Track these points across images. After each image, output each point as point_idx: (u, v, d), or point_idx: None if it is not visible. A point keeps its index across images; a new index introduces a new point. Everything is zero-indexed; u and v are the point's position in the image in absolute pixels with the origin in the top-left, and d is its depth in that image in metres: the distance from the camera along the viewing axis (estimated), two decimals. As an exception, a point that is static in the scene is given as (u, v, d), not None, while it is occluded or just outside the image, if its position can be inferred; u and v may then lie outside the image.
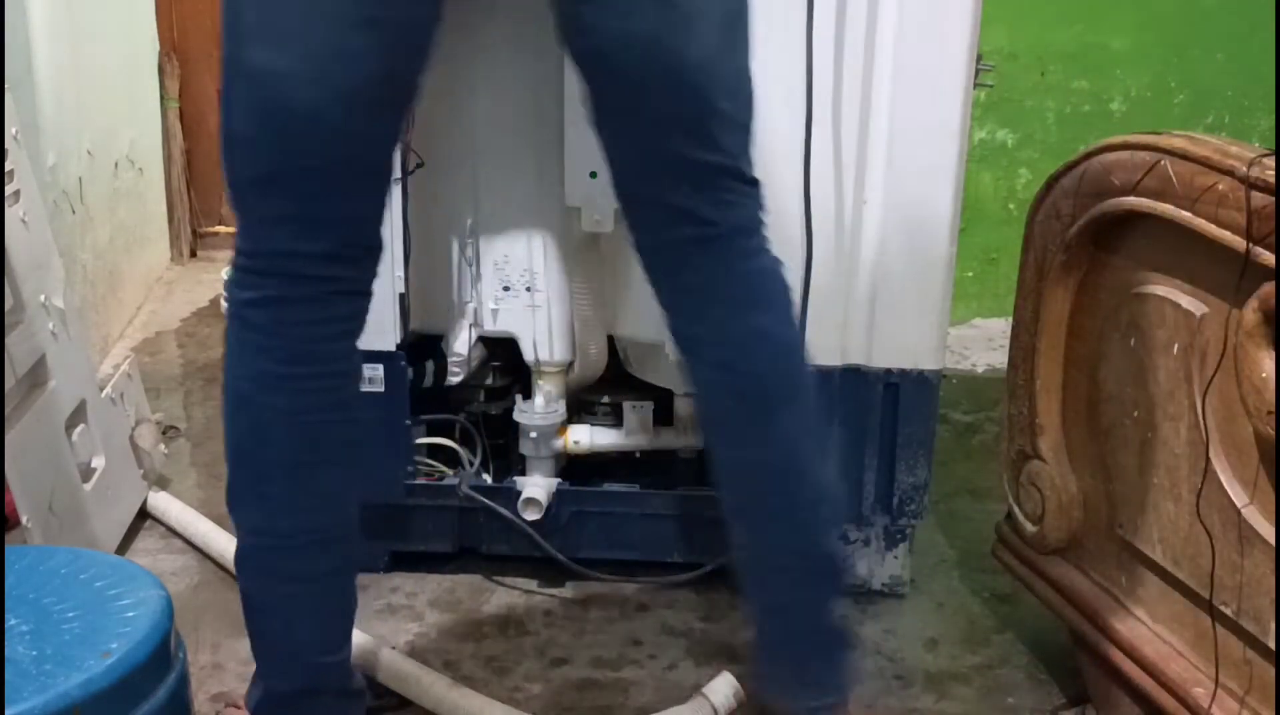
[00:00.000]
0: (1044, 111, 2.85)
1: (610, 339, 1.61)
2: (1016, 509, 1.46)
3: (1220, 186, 1.08)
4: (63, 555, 1.16)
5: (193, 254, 3.21)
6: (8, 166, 1.53)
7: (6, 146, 1.53)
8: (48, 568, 1.12)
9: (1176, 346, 1.18)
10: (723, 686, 1.38)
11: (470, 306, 1.60)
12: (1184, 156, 1.13)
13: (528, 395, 1.65)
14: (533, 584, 1.66)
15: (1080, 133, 2.82)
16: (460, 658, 1.48)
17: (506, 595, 1.63)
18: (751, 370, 1.13)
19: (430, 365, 1.62)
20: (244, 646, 1.33)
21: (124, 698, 0.99)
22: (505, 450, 1.72)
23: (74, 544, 1.48)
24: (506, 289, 1.58)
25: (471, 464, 1.71)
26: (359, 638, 1.43)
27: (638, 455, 1.73)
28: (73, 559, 1.14)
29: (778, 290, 1.15)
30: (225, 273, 1.12)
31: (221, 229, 3.21)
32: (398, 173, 1.41)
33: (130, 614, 1.05)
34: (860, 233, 1.48)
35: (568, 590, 1.64)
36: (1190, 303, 1.16)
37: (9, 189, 1.54)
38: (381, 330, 1.51)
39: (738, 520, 1.17)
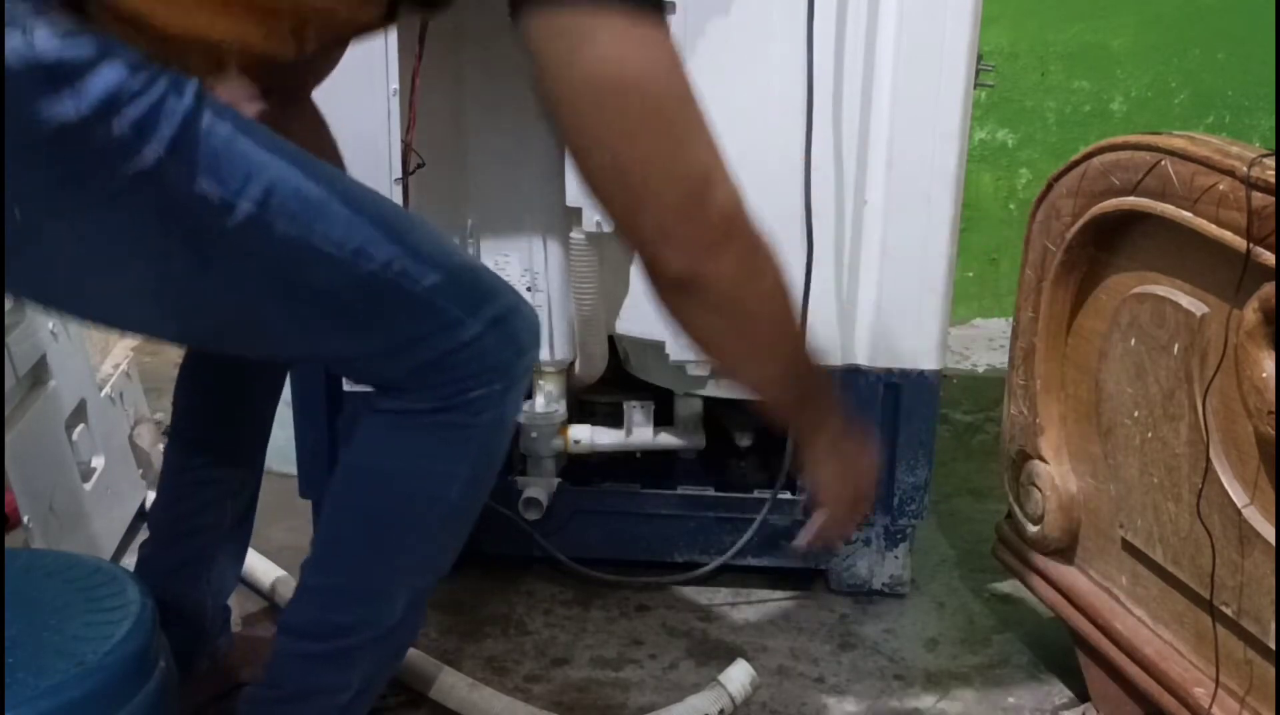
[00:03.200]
0: (1044, 111, 2.86)
1: (610, 339, 1.61)
2: (1017, 509, 1.46)
3: (1221, 186, 1.08)
4: (52, 559, 1.15)
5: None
6: (8, 166, 1.53)
7: (7, 146, 1.53)
8: (37, 572, 1.11)
9: (1177, 346, 1.18)
10: (739, 675, 1.37)
11: (470, 306, 1.59)
12: (1184, 156, 1.13)
13: (528, 395, 1.65)
14: (533, 584, 1.66)
15: (1080, 133, 2.82)
16: (460, 658, 1.48)
17: (506, 595, 1.63)
18: None
19: (430, 365, 1.62)
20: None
21: (96, 706, 0.98)
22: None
23: (74, 544, 1.48)
24: (507, 289, 1.58)
25: (472, 464, 1.71)
26: None
27: (638, 455, 1.74)
28: (62, 564, 1.13)
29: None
30: None
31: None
32: (398, 173, 1.41)
33: (110, 621, 1.04)
34: (860, 233, 1.48)
35: (568, 590, 1.64)
36: (1190, 303, 1.16)
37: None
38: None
39: None
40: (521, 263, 1.57)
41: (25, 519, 1.41)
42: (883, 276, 1.49)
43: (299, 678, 1.08)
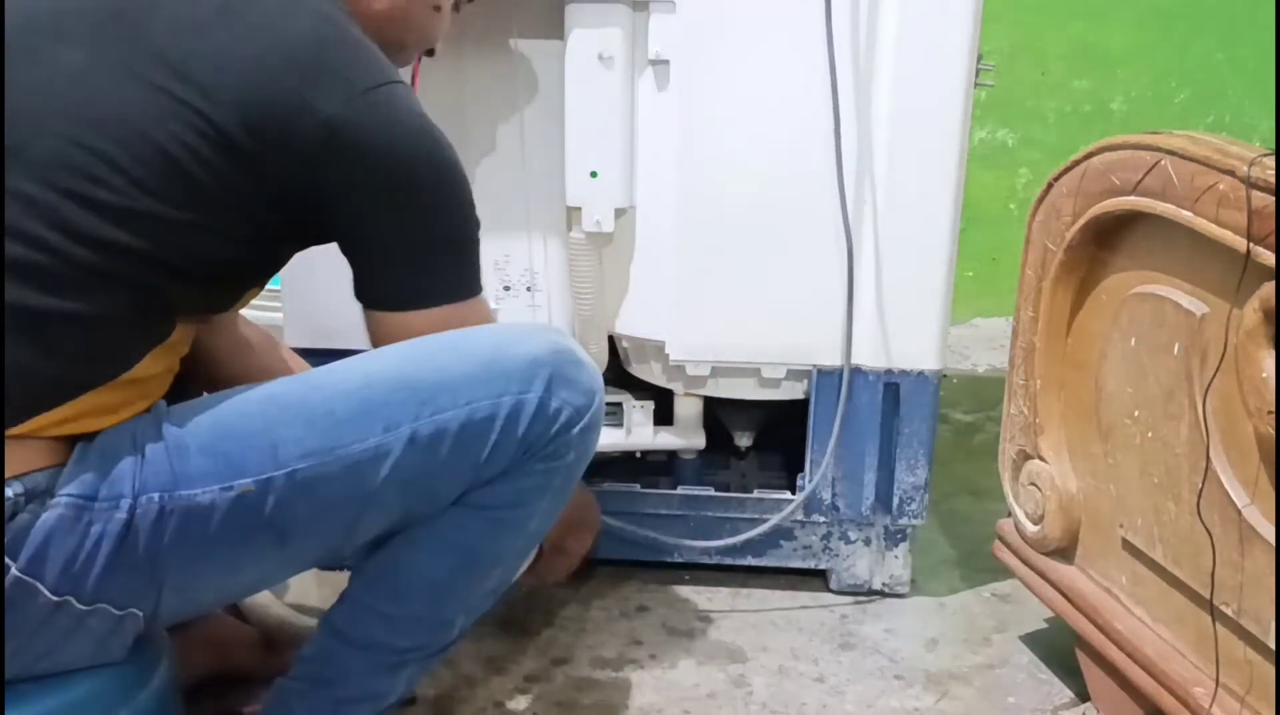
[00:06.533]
0: (1044, 111, 2.86)
1: (610, 339, 1.61)
2: (1016, 509, 1.46)
3: (1221, 186, 1.08)
4: None
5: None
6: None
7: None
8: None
9: (1177, 346, 1.18)
10: None
11: (470, 306, 1.59)
12: (1184, 156, 1.13)
13: (528, 395, 1.65)
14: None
15: (1080, 132, 2.82)
16: (460, 657, 1.48)
17: (506, 595, 1.63)
18: None
19: (430, 365, 1.62)
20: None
21: (98, 705, 0.98)
22: (505, 450, 1.72)
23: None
24: (506, 289, 1.58)
25: (472, 464, 1.71)
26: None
27: (638, 455, 1.74)
28: None
29: None
30: None
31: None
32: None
33: None
34: (860, 233, 1.48)
35: (568, 590, 1.64)
36: (1190, 303, 1.16)
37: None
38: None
39: None
40: (521, 263, 1.57)
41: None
42: (882, 276, 1.49)
43: (359, 682, 1.12)
